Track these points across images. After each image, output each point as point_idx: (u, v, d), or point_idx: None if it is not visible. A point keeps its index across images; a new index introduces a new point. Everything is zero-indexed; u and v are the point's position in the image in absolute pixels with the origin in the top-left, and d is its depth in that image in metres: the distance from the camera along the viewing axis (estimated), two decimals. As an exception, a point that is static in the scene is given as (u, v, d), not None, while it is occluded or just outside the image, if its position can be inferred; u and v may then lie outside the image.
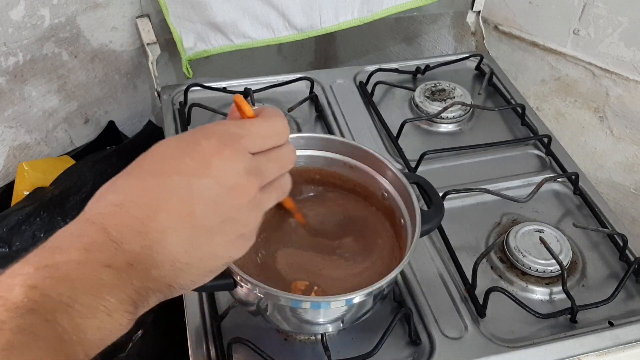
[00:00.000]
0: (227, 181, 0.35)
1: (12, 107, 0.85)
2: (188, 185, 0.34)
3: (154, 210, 0.34)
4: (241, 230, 0.37)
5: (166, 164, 0.35)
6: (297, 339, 0.59)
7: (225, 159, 0.35)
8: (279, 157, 0.39)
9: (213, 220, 0.35)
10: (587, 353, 0.59)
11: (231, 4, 0.86)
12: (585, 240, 0.71)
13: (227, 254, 0.37)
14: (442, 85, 0.90)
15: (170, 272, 0.35)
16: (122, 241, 0.33)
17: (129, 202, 0.34)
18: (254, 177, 0.37)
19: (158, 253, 0.34)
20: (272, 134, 0.39)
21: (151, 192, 0.34)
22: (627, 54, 0.88)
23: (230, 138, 0.36)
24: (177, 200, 0.34)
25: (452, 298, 0.63)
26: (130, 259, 0.33)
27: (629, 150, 0.95)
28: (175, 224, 0.34)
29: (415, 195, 0.55)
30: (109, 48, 0.94)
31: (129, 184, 0.35)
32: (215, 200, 0.35)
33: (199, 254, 0.35)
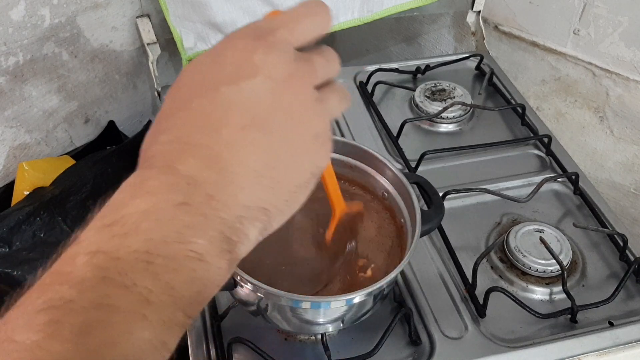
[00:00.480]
0: (278, 73, 0.31)
1: (12, 107, 0.85)
2: (239, 90, 0.30)
3: (216, 130, 0.29)
4: (314, 130, 0.32)
5: (206, 80, 0.31)
6: (297, 339, 0.59)
7: (267, 51, 0.31)
8: (322, 52, 0.34)
9: (281, 120, 0.31)
10: (587, 353, 0.59)
11: (231, 4, 0.86)
12: (586, 240, 0.71)
13: (308, 160, 0.33)
14: (442, 85, 0.90)
15: (259, 192, 0.30)
16: (192, 173, 0.28)
17: (186, 132, 0.29)
18: (306, 65, 0.32)
19: (238, 174, 0.29)
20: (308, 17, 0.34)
21: (205, 113, 0.30)
22: (627, 54, 0.88)
23: (265, 32, 0.32)
24: (235, 110, 0.30)
25: (452, 298, 0.63)
26: (209, 190, 0.28)
27: (629, 150, 0.95)
28: (243, 135, 0.30)
29: (415, 195, 0.55)
30: (109, 48, 0.94)
31: (177, 117, 0.30)
32: (273, 97, 0.30)
33: (280, 164, 0.31)
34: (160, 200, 0.27)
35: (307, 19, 0.33)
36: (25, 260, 0.80)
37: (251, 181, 0.30)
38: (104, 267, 0.25)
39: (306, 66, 0.32)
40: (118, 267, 0.25)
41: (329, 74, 0.34)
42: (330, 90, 0.34)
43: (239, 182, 0.29)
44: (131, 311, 0.25)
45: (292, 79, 0.31)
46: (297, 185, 0.32)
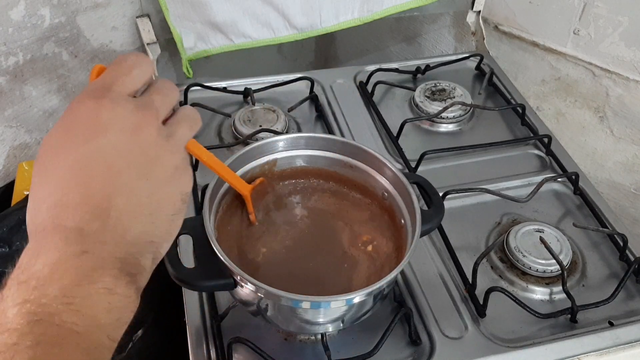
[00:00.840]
0: (125, 125, 0.35)
1: (12, 107, 0.85)
2: (98, 148, 0.34)
3: (87, 186, 0.33)
4: (172, 163, 0.37)
5: (66, 146, 0.34)
6: (297, 339, 0.59)
7: (110, 108, 0.35)
8: (157, 89, 0.39)
9: (139, 164, 0.35)
10: (587, 353, 0.59)
11: (231, 4, 0.86)
12: (586, 240, 0.70)
13: (175, 190, 0.37)
14: (442, 85, 0.90)
15: (140, 228, 0.35)
16: (81, 226, 0.32)
17: (62, 195, 0.33)
18: (147, 110, 0.36)
19: (118, 218, 0.34)
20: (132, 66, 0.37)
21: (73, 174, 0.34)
22: (627, 53, 0.88)
23: (101, 90, 0.36)
24: (99, 165, 0.34)
25: (452, 298, 0.63)
26: (99, 237, 0.33)
27: (629, 150, 0.95)
28: (114, 186, 0.34)
29: (415, 195, 0.55)
30: (109, 48, 0.94)
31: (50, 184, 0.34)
32: (127, 148, 0.35)
33: (151, 201, 0.35)
34: (62, 253, 0.32)
35: (134, 70, 0.37)
36: (25, 260, 0.80)
37: (131, 221, 0.34)
38: (35, 312, 0.29)
39: (147, 110, 0.36)
40: (45, 310, 0.30)
41: (170, 104, 0.39)
42: (176, 121, 0.39)
43: (122, 225, 0.34)
44: (66, 343, 0.30)
45: (139, 126, 0.35)
46: (172, 213, 0.37)
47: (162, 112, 0.38)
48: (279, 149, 0.60)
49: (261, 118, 0.81)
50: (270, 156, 0.60)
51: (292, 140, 0.60)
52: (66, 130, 0.35)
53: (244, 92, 0.87)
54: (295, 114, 0.86)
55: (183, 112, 0.40)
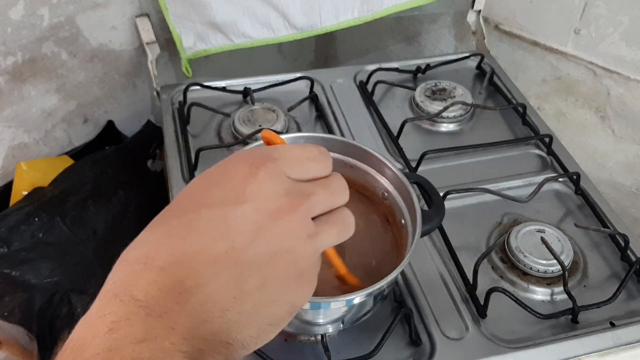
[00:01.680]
0: (267, 205, 0.30)
1: (11, 107, 0.85)
2: (221, 216, 0.29)
3: (185, 254, 0.28)
4: (298, 266, 0.31)
5: (192, 200, 0.30)
6: (297, 340, 0.59)
7: (261, 181, 0.30)
8: (326, 182, 0.34)
9: (259, 253, 0.29)
10: (588, 354, 0.59)
11: (231, 4, 0.86)
12: (587, 241, 0.70)
13: (286, 297, 0.31)
14: (443, 85, 0.90)
15: (222, 325, 0.29)
16: (153, 303, 0.27)
17: (154, 253, 0.28)
18: (299, 199, 0.31)
19: (201, 305, 0.28)
20: (310, 158, 0.34)
21: (179, 235, 0.29)
22: (628, 53, 0.88)
23: (263, 159, 0.31)
24: (211, 236, 0.29)
25: (452, 298, 0.63)
26: (168, 322, 0.27)
27: (630, 150, 0.95)
28: (213, 265, 0.28)
29: (415, 195, 0.55)
30: (108, 47, 0.94)
31: (153, 233, 0.30)
32: (256, 229, 0.29)
33: (252, 299, 0.29)
34: (119, 339, 0.26)
35: (310, 162, 0.33)
36: (25, 261, 0.80)
37: (215, 315, 0.28)
38: None
39: (300, 198, 0.31)
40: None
41: (332, 205, 0.34)
42: (330, 222, 0.33)
43: (201, 316, 0.28)
44: None
45: (281, 211, 0.30)
46: (270, 322, 0.31)
47: (318, 208, 0.33)
48: (279, 149, 0.60)
49: (261, 118, 0.81)
50: (270, 156, 0.59)
51: (291, 140, 0.60)
52: (210, 181, 0.31)
53: (244, 91, 0.87)
54: (295, 114, 0.85)
55: (339, 215, 0.35)
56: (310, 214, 0.32)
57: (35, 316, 0.79)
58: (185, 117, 0.83)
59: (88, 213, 0.86)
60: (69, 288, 0.80)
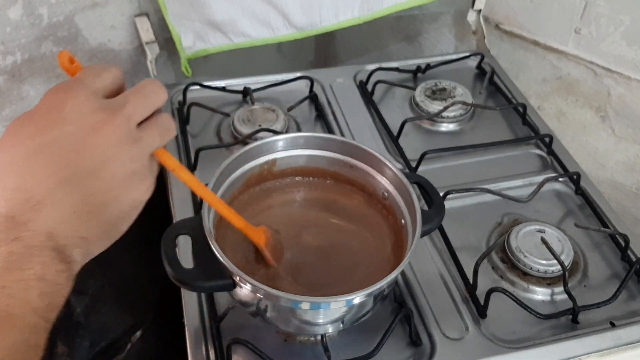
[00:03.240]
0: (86, 122, 0.35)
1: (10, 107, 0.85)
2: (53, 139, 0.35)
3: (32, 175, 0.34)
4: (129, 167, 0.37)
5: (20, 134, 0.35)
6: (297, 340, 0.59)
7: (78, 102, 0.35)
8: (137, 89, 0.39)
9: (92, 163, 0.36)
10: (588, 354, 0.58)
11: (230, 3, 0.86)
12: (587, 241, 0.70)
13: (126, 195, 0.38)
14: (443, 85, 0.90)
15: (76, 224, 0.36)
16: (14, 213, 0.34)
17: (6, 178, 0.35)
18: (114, 110, 0.36)
19: (56, 210, 0.35)
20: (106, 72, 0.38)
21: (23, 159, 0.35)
22: (628, 53, 0.88)
23: (71, 83, 0.36)
24: (49, 158, 0.35)
25: (452, 298, 0.63)
26: (32, 226, 0.34)
27: (630, 149, 0.94)
28: (58, 179, 0.35)
29: (415, 195, 0.55)
30: (107, 47, 0.93)
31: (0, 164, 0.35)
32: (84, 143, 0.35)
33: (97, 199, 0.36)
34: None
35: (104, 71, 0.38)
36: (24, 261, 0.80)
37: (68, 216, 0.35)
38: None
39: (115, 110, 0.36)
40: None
41: (149, 107, 0.39)
42: (150, 126, 0.39)
43: (57, 218, 0.35)
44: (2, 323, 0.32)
45: (101, 124, 0.36)
46: (117, 217, 0.38)
47: (137, 113, 0.38)
48: (279, 149, 0.60)
49: (260, 117, 0.81)
50: (269, 156, 0.59)
51: (291, 139, 0.60)
52: (31, 117, 0.36)
53: (243, 91, 0.87)
54: (294, 114, 0.85)
55: (157, 119, 0.40)
56: (129, 122, 0.37)
57: (35, 316, 0.79)
58: (184, 117, 0.83)
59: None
60: (68, 288, 0.80)
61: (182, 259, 0.50)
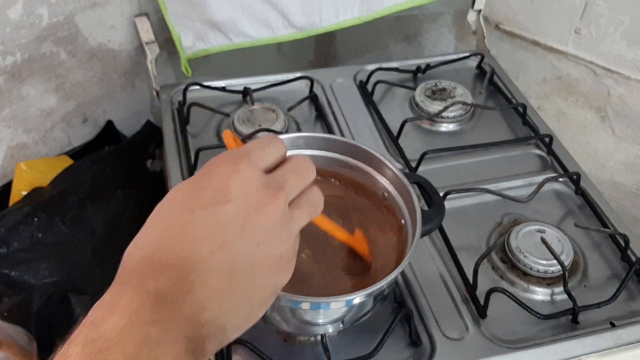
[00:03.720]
0: (250, 200, 0.34)
1: (10, 107, 0.85)
2: (212, 215, 0.33)
3: (186, 252, 0.32)
4: (278, 252, 0.35)
5: (184, 203, 0.34)
6: (297, 340, 0.59)
7: (242, 178, 0.34)
8: (294, 168, 0.38)
9: (248, 245, 0.34)
10: (588, 354, 0.58)
11: (230, 3, 0.86)
12: (587, 241, 0.70)
13: (270, 280, 0.35)
14: (443, 85, 0.89)
15: (218, 312, 0.33)
16: (161, 293, 0.31)
17: (158, 252, 0.32)
18: (276, 190, 0.35)
19: (201, 295, 0.32)
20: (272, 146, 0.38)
21: (177, 234, 0.33)
22: (628, 53, 0.88)
23: (238, 157, 0.35)
24: (206, 234, 0.33)
25: (452, 299, 0.63)
26: (174, 310, 0.31)
27: (630, 150, 0.94)
28: (210, 259, 0.32)
29: (415, 195, 0.55)
30: (107, 47, 0.94)
31: (153, 235, 0.33)
32: (244, 223, 0.33)
33: (242, 285, 0.34)
34: (132, 319, 0.30)
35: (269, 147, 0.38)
36: (23, 261, 0.80)
37: (213, 303, 0.32)
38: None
39: (275, 191, 0.35)
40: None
41: (302, 186, 0.38)
42: (301, 205, 0.37)
43: (202, 303, 0.32)
44: None
45: (264, 205, 0.34)
46: (258, 304, 0.35)
47: (293, 193, 0.37)
48: (279, 149, 0.59)
49: (260, 118, 0.81)
50: (269, 156, 0.59)
51: (291, 140, 0.60)
52: (194, 186, 0.34)
53: (243, 91, 0.87)
54: (294, 114, 0.85)
55: (308, 196, 0.38)
56: (287, 202, 0.36)
57: (34, 316, 0.79)
58: (184, 117, 0.83)
59: (87, 213, 0.85)
60: (67, 288, 0.80)
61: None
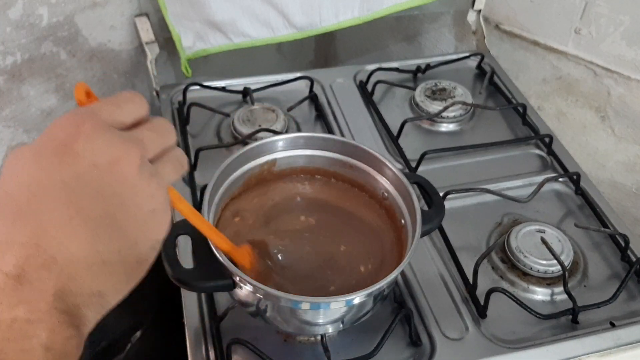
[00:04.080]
0: (101, 158, 0.31)
1: (10, 107, 0.85)
2: (61, 182, 0.30)
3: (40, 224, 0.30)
4: (149, 205, 0.33)
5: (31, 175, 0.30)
6: (297, 340, 0.59)
7: (89, 137, 0.31)
8: (152, 126, 0.35)
9: (108, 205, 0.31)
10: (588, 354, 0.58)
11: (230, 3, 0.86)
12: (587, 241, 0.70)
13: (145, 236, 0.33)
14: (443, 85, 0.90)
15: (89, 279, 0.31)
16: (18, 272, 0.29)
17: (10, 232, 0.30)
18: (131, 144, 0.32)
19: (65, 266, 0.30)
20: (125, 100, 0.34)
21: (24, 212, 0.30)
22: (628, 53, 0.88)
23: (84, 116, 0.32)
24: (60, 202, 0.30)
25: (452, 299, 0.63)
26: (39, 286, 0.29)
27: (630, 150, 0.94)
28: (68, 228, 0.30)
29: (415, 195, 0.55)
30: (107, 47, 0.93)
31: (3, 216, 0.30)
32: (99, 183, 0.31)
33: (112, 247, 0.31)
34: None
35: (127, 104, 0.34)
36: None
37: (81, 270, 0.30)
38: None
39: (132, 144, 0.32)
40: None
41: (163, 145, 0.35)
42: (164, 161, 0.35)
43: (68, 273, 0.30)
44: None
45: (118, 161, 0.31)
46: (136, 262, 0.33)
47: (150, 150, 0.34)
48: (279, 149, 0.60)
49: (260, 118, 0.81)
50: (269, 156, 0.59)
51: (291, 140, 0.60)
52: (37, 155, 0.31)
53: (243, 91, 0.87)
54: (294, 114, 0.85)
55: (172, 153, 0.36)
56: (145, 157, 0.33)
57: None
58: (184, 117, 0.83)
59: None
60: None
61: (182, 259, 0.50)
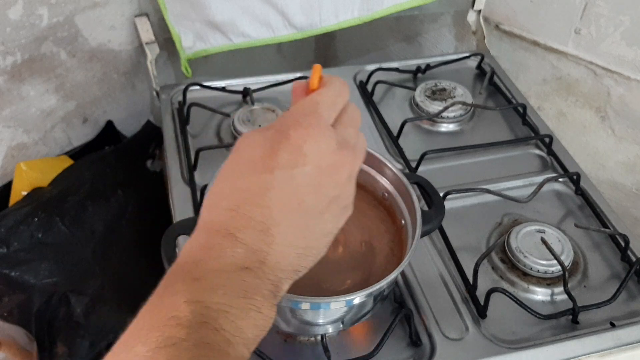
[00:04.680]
0: (324, 162, 0.37)
1: (10, 107, 0.85)
2: (292, 177, 0.36)
3: (269, 208, 0.36)
4: (344, 203, 0.39)
5: (264, 161, 0.36)
6: (297, 340, 0.59)
7: (316, 141, 0.36)
8: (351, 120, 0.40)
9: (322, 203, 0.37)
10: (588, 354, 0.58)
11: (230, 3, 0.86)
12: (587, 241, 0.70)
13: (335, 227, 0.39)
14: (443, 85, 0.90)
15: (295, 259, 0.37)
16: (249, 242, 0.35)
17: (243, 204, 0.36)
18: (346, 150, 0.38)
19: (281, 245, 0.36)
20: (340, 97, 0.40)
21: (261, 191, 0.36)
22: (628, 53, 0.88)
23: (311, 118, 0.37)
24: (286, 194, 0.36)
25: (452, 299, 0.63)
26: (261, 257, 0.35)
27: (630, 150, 0.94)
28: (290, 216, 0.36)
29: (415, 196, 0.55)
30: (107, 47, 0.94)
31: (236, 187, 0.37)
32: (319, 184, 0.37)
33: (314, 235, 0.38)
34: (227, 264, 0.34)
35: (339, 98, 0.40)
36: (24, 261, 0.80)
37: (289, 252, 0.37)
38: (202, 314, 0.32)
39: (346, 150, 0.38)
40: (210, 314, 0.32)
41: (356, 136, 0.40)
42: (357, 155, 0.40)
43: (282, 253, 0.36)
44: (221, 349, 0.32)
45: (336, 167, 0.37)
46: (324, 246, 0.39)
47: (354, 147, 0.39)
48: (279, 149, 0.59)
49: (260, 118, 0.81)
50: (269, 156, 0.59)
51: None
52: (273, 146, 0.36)
53: (243, 91, 0.87)
54: (294, 114, 0.85)
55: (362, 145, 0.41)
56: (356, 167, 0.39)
57: (34, 317, 0.79)
58: (184, 117, 0.83)
59: (87, 213, 0.85)
60: (67, 288, 0.80)
61: (182, 259, 0.50)
